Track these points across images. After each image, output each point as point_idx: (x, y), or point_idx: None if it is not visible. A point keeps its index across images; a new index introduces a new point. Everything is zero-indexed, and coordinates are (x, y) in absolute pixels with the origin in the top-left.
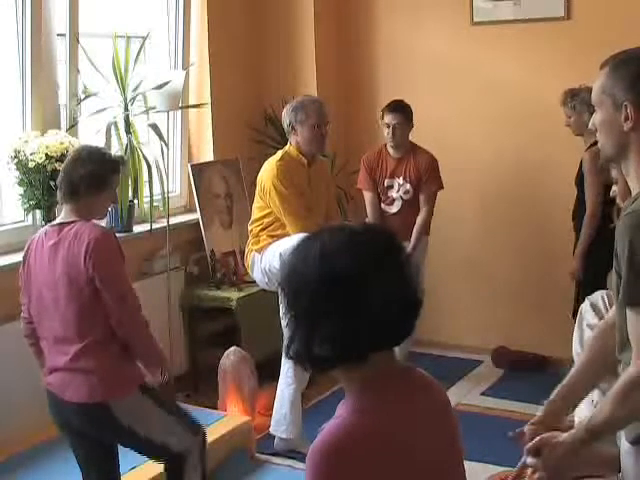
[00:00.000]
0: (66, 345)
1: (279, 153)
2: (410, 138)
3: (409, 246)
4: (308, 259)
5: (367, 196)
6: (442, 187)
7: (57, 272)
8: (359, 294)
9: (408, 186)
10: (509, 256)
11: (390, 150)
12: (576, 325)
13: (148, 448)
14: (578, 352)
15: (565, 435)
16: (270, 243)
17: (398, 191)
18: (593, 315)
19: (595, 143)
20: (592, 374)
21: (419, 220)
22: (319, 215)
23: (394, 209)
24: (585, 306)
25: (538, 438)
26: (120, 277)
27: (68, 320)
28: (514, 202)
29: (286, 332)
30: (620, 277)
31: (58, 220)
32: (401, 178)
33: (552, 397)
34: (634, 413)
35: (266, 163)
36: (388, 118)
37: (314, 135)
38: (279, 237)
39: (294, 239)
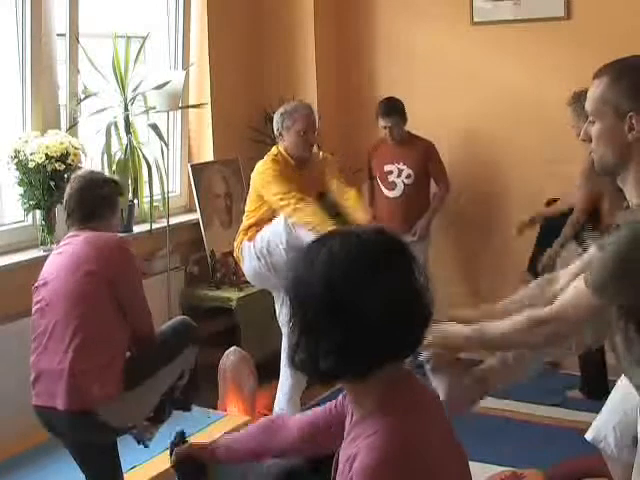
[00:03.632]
0: (59, 344)
1: (271, 153)
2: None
3: (422, 221)
4: (315, 266)
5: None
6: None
7: (65, 272)
8: (366, 305)
9: (410, 171)
10: (511, 257)
11: (390, 141)
12: None
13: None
14: None
15: (459, 327)
16: (258, 232)
17: (399, 176)
18: None
19: None
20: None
21: (437, 194)
22: None
23: (396, 193)
24: None
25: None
26: (141, 287)
27: (65, 317)
28: (512, 201)
29: (289, 338)
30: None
31: (71, 233)
32: (401, 163)
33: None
34: (522, 345)
35: (262, 160)
36: (383, 121)
37: (299, 141)
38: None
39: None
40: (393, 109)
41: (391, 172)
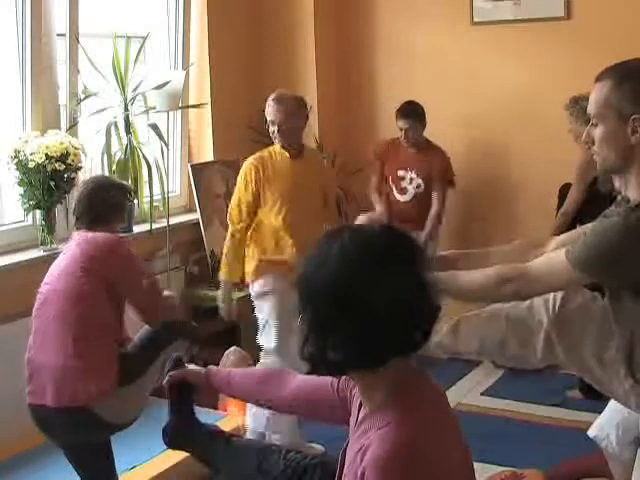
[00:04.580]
0: (54, 341)
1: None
2: None
3: (424, 234)
4: (326, 262)
5: (373, 180)
6: (453, 184)
7: (63, 270)
8: (375, 300)
9: (420, 181)
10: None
11: (405, 144)
12: None
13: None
14: None
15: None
16: (257, 267)
17: (410, 183)
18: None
19: None
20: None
21: (431, 211)
22: (310, 209)
23: (407, 197)
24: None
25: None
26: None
27: (62, 315)
28: (512, 201)
29: (300, 331)
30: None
31: (75, 234)
32: (414, 172)
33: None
34: (486, 298)
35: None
36: (400, 123)
37: (272, 131)
38: (256, 242)
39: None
40: (412, 112)
41: (404, 178)
